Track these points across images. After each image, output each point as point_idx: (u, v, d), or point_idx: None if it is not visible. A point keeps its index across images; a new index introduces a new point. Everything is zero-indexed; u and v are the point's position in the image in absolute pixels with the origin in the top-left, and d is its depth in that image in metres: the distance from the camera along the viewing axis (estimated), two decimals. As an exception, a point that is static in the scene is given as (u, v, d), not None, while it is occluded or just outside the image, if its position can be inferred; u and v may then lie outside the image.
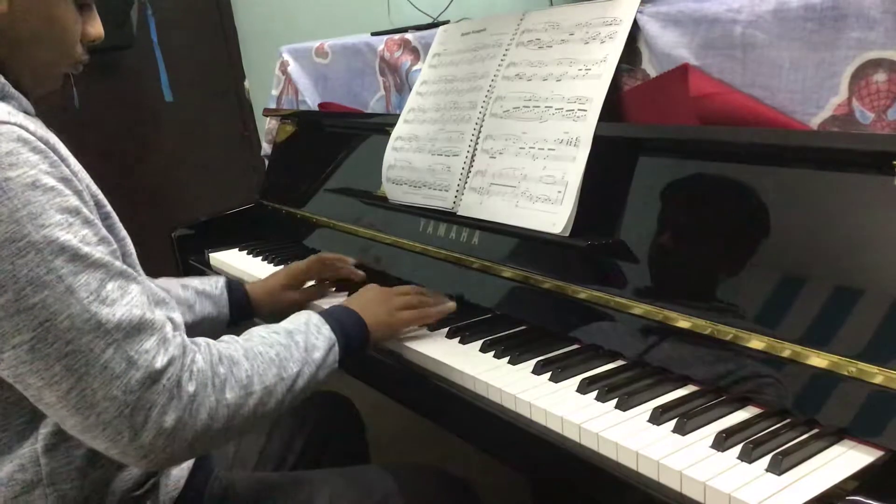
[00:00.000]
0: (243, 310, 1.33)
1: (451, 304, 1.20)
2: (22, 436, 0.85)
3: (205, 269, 1.78)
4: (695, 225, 1.01)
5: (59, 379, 0.77)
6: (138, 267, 0.93)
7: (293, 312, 1.08)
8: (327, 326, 1.02)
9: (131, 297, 0.81)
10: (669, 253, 1.02)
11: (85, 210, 0.82)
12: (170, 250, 1.87)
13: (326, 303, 1.36)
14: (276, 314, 1.30)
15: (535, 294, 1.16)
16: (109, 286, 0.79)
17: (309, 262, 1.39)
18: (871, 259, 0.82)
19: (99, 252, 0.80)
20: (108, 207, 0.90)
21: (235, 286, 1.33)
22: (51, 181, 0.79)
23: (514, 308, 1.19)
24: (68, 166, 0.84)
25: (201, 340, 0.89)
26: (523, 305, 1.18)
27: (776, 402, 0.86)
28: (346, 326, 1.05)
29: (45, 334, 0.76)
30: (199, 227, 1.88)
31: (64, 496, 0.86)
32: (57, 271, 0.76)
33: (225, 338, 0.94)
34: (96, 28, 0.96)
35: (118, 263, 0.82)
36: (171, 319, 0.89)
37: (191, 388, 0.82)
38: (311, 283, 1.41)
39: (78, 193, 0.82)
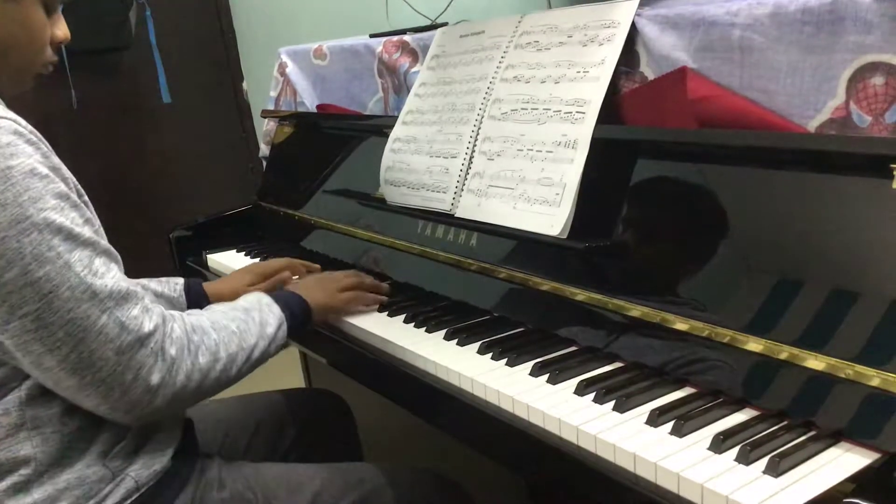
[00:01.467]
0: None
1: (385, 287, 1.33)
2: (5, 386, 0.92)
3: (202, 270, 1.77)
4: (692, 228, 1.01)
5: (60, 344, 0.86)
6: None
7: None
8: (276, 306, 1.13)
9: (115, 271, 0.91)
10: (667, 255, 1.02)
11: (73, 195, 0.91)
12: (167, 251, 1.87)
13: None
14: None
15: (532, 296, 1.16)
16: (97, 262, 0.89)
17: (278, 264, 1.45)
18: (869, 262, 0.83)
19: (87, 232, 0.90)
20: (85, 196, 0.97)
21: (195, 288, 1.37)
22: (44, 169, 0.88)
23: (512, 310, 1.19)
24: (53, 158, 0.92)
25: (175, 312, 0.99)
26: (521, 307, 1.18)
27: (774, 405, 0.86)
28: (291, 306, 1.16)
29: (48, 304, 0.85)
30: (196, 229, 1.87)
31: (47, 439, 0.92)
32: (56, 248, 0.86)
33: (192, 311, 1.06)
34: (63, 30, 1.02)
35: (103, 242, 0.92)
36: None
37: (172, 351, 0.93)
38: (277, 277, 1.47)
39: (65, 181, 0.91)
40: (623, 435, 0.84)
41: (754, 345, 0.88)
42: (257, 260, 1.69)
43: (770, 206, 0.92)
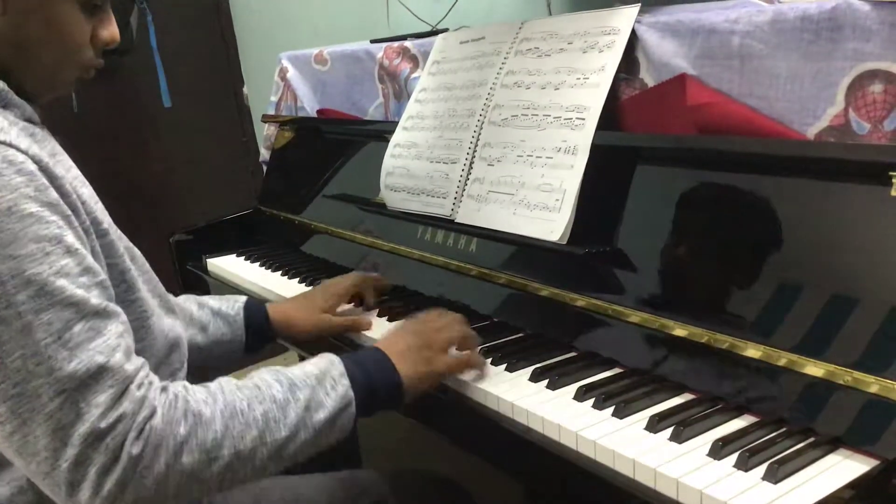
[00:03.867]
0: (262, 334, 1.22)
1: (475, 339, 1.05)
2: None
3: (202, 274, 1.78)
4: (692, 234, 1.01)
5: (3, 420, 0.72)
6: (138, 280, 0.89)
7: (328, 336, 1.07)
8: (346, 380, 0.88)
9: (102, 339, 0.75)
10: (666, 261, 1.02)
11: (69, 238, 0.76)
12: (168, 256, 1.87)
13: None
14: (311, 340, 1.22)
15: (532, 301, 1.16)
16: (77, 328, 0.73)
17: (350, 281, 1.26)
18: (868, 269, 0.83)
19: (75, 286, 0.74)
20: (106, 224, 0.86)
21: (255, 307, 1.21)
22: (31, 207, 0.74)
23: (512, 315, 1.19)
24: (60, 186, 0.78)
25: (178, 390, 0.80)
26: (521, 313, 1.18)
27: (772, 411, 0.86)
28: (374, 381, 0.91)
29: None
30: (197, 233, 1.88)
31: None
32: (17, 306, 0.71)
33: (221, 380, 0.85)
34: (109, 31, 0.90)
35: (95, 301, 0.76)
36: (172, 325, 0.89)
37: (134, 449, 0.73)
38: (348, 305, 1.29)
39: (65, 218, 0.77)
40: (622, 441, 0.84)
41: (753, 351, 0.89)
42: (257, 265, 1.69)
43: (769, 213, 0.92)
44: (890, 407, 0.77)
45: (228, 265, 1.73)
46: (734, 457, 0.79)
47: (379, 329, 1.23)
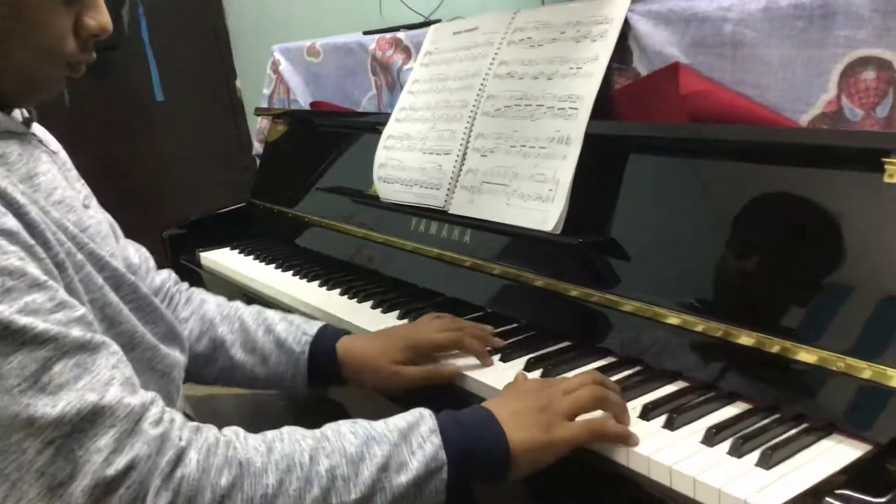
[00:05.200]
0: (327, 374, 1.05)
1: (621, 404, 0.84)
2: None
3: (196, 268, 1.77)
4: (684, 222, 1.01)
5: None
6: (122, 314, 0.79)
7: (406, 389, 0.91)
8: (438, 439, 0.72)
9: (91, 376, 0.64)
10: (659, 250, 1.02)
11: (34, 270, 0.65)
12: (161, 250, 1.87)
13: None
14: (385, 392, 1.02)
15: (526, 292, 1.16)
16: (58, 367, 0.63)
17: (442, 338, 1.02)
18: (861, 256, 0.83)
19: (48, 323, 0.64)
20: (92, 245, 0.77)
21: (324, 344, 1.04)
22: None
23: (506, 306, 1.19)
24: (24, 214, 0.68)
25: (213, 432, 0.68)
26: (514, 303, 1.18)
27: (766, 398, 0.86)
28: (473, 444, 0.73)
29: None
30: (190, 227, 1.87)
31: None
32: None
33: (285, 428, 0.72)
34: (97, 20, 0.78)
35: (75, 335, 0.65)
36: (174, 358, 0.83)
37: (161, 500, 0.62)
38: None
39: (28, 249, 0.66)
40: (616, 429, 0.84)
41: (746, 338, 0.89)
42: (251, 258, 1.69)
43: (762, 201, 0.92)
44: (882, 392, 0.77)
45: (222, 258, 1.73)
46: (727, 443, 0.79)
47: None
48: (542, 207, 1.10)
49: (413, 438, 0.72)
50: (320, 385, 1.07)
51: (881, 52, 0.86)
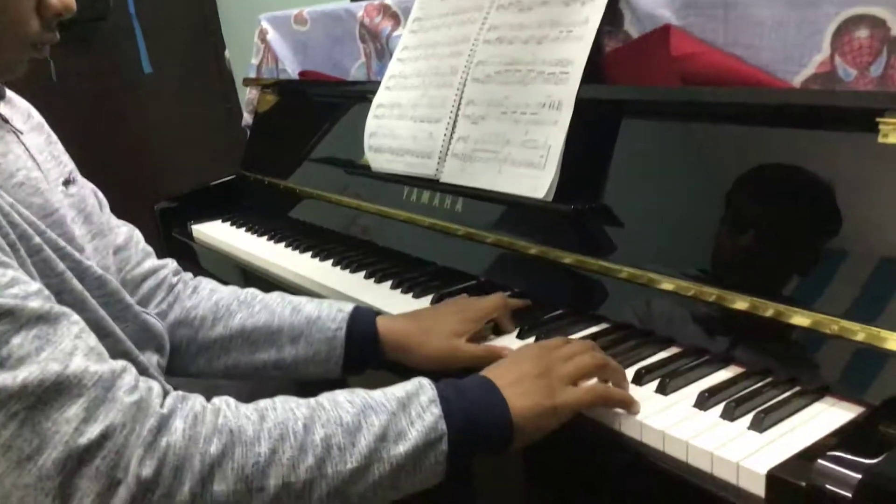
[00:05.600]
0: (367, 355, 0.98)
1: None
2: None
3: (188, 241, 1.76)
4: (676, 187, 1.00)
5: None
6: (86, 303, 0.77)
7: (455, 367, 0.86)
8: (438, 409, 0.70)
9: (54, 347, 0.61)
10: (652, 215, 1.01)
11: None
12: (152, 224, 1.85)
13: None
14: (432, 369, 0.92)
15: (519, 260, 1.16)
16: (17, 339, 0.60)
17: (491, 304, 1.01)
18: (854, 218, 0.82)
19: (3, 298, 0.62)
20: (51, 233, 0.74)
21: (362, 321, 0.97)
22: None
23: (499, 274, 1.18)
24: None
25: (200, 401, 0.65)
26: (508, 272, 1.18)
27: (759, 362, 0.86)
28: (475, 413, 0.71)
29: None
30: (181, 200, 1.86)
31: None
32: None
33: (279, 398, 0.69)
34: None
35: (33, 305, 0.62)
36: (148, 361, 0.77)
37: (146, 470, 0.59)
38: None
39: None
40: (609, 395, 0.84)
41: (740, 303, 0.88)
42: (242, 230, 1.68)
43: (754, 164, 0.92)
44: (875, 354, 0.77)
45: (213, 231, 1.72)
46: (720, 407, 0.79)
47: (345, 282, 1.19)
48: (533, 174, 1.09)
49: (412, 408, 0.70)
50: (355, 367, 0.99)
51: (875, 10, 0.85)
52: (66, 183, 0.86)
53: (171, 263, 1.10)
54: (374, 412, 0.68)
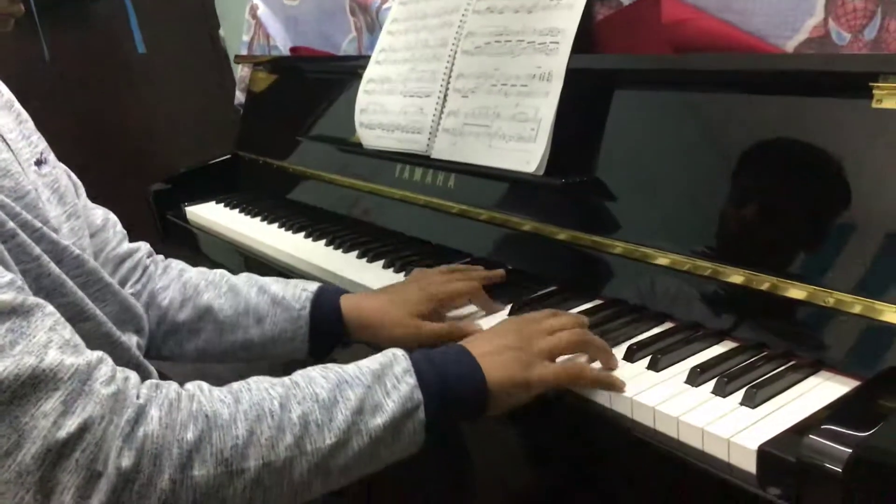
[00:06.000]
0: (331, 335, 0.99)
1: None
2: None
3: (183, 223, 1.75)
4: (670, 158, 0.98)
5: None
6: (65, 286, 0.76)
7: (420, 345, 0.84)
8: (412, 379, 0.70)
9: (27, 340, 0.60)
10: (646, 188, 0.99)
11: None
12: (148, 206, 1.84)
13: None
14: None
15: (511, 236, 1.14)
16: None
17: (462, 286, 0.99)
18: (850, 187, 0.80)
19: None
20: (26, 215, 0.72)
21: (326, 301, 0.97)
22: None
23: (492, 251, 1.17)
24: None
25: (175, 388, 0.65)
26: (500, 248, 1.16)
27: (754, 336, 0.85)
28: (449, 381, 0.72)
29: None
30: (175, 182, 1.85)
31: None
32: None
33: (252, 378, 0.69)
34: None
35: (5, 298, 0.61)
36: (129, 341, 0.75)
37: (124, 461, 0.59)
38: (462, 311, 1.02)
39: None
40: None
41: (735, 277, 0.86)
42: (236, 211, 1.66)
43: (747, 132, 0.89)
44: (872, 327, 0.75)
45: (208, 213, 1.70)
46: (712, 383, 0.77)
47: (355, 270, 1.19)
48: (524, 148, 1.07)
49: (387, 379, 0.70)
50: (322, 346, 0.99)
51: (870, -30, 0.82)
52: (38, 163, 0.85)
53: (144, 246, 1.08)
54: (349, 386, 0.68)
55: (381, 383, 0.69)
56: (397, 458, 0.70)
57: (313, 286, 1.00)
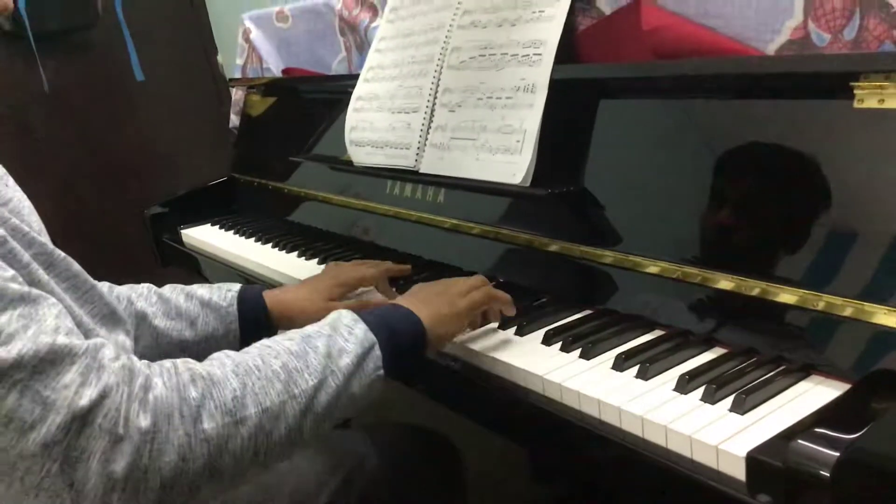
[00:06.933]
0: (259, 326, 1.08)
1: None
2: None
3: (179, 246, 1.75)
4: (655, 165, 0.97)
5: None
6: (63, 286, 0.78)
7: None
8: (362, 325, 0.80)
9: (39, 325, 0.64)
10: (634, 197, 0.99)
11: None
12: (145, 230, 1.84)
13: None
14: None
15: (502, 249, 1.13)
16: (3, 318, 0.63)
17: (367, 272, 1.13)
18: (835, 188, 0.79)
19: None
20: (14, 220, 0.74)
21: (251, 297, 1.07)
22: None
23: (484, 264, 1.16)
24: None
25: (167, 361, 0.72)
26: (492, 261, 1.15)
27: (743, 342, 0.84)
28: (390, 322, 0.83)
29: None
30: (172, 205, 1.85)
31: None
32: None
33: (216, 354, 0.76)
34: None
35: (14, 287, 0.65)
36: (115, 340, 0.77)
37: (143, 422, 0.64)
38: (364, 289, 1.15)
39: None
40: (588, 381, 0.82)
41: (725, 283, 0.86)
42: (231, 233, 1.66)
43: (732, 136, 0.89)
44: (863, 329, 0.74)
45: (203, 235, 1.70)
46: (700, 390, 0.76)
47: None
48: (510, 160, 1.07)
49: (342, 329, 0.80)
50: (252, 339, 1.02)
51: (848, -30, 0.81)
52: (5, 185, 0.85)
53: None
54: (313, 339, 0.78)
55: (339, 333, 0.79)
56: (366, 396, 0.79)
57: (236, 286, 1.09)
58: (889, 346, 0.71)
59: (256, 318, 1.06)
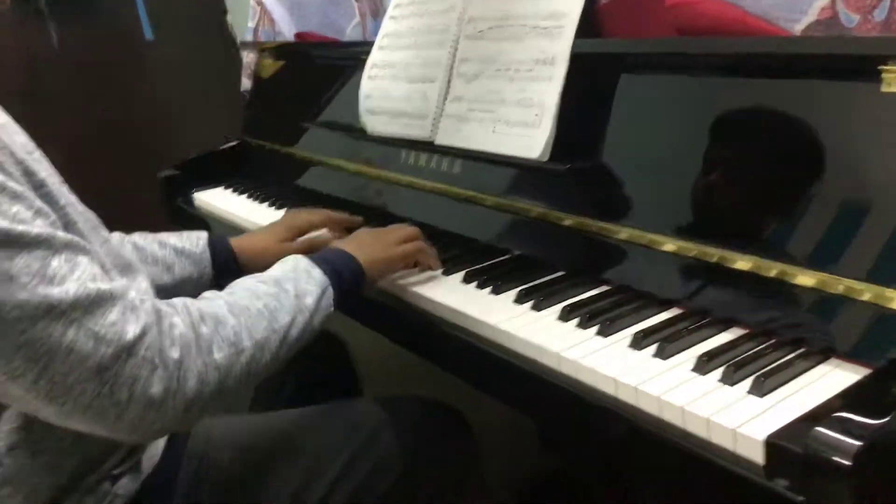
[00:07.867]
0: (228, 268, 1.21)
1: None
2: None
3: (189, 209, 1.75)
4: (675, 142, 0.96)
5: (22, 371, 0.70)
6: (90, 234, 0.83)
7: None
8: (318, 269, 0.96)
9: (82, 269, 0.73)
10: (652, 174, 0.98)
11: (11, 184, 0.72)
12: (157, 192, 1.84)
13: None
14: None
15: (518, 222, 1.13)
16: (55, 262, 0.71)
17: (314, 218, 1.29)
18: (859, 172, 0.79)
19: (37, 228, 0.71)
20: (43, 174, 0.79)
21: (219, 243, 1.21)
22: None
23: (497, 237, 1.16)
24: None
25: (178, 301, 0.83)
26: (506, 234, 1.15)
27: (762, 323, 0.84)
28: (337, 267, 0.98)
29: None
30: (184, 167, 1.84)
31: (35, 490, 0.82)
32: None
33: (206, 294, 0.89)
34: None
35: (61, 235, 0.73)
36: (136, 287, 0.81)
37: (174, 353, 0.76)
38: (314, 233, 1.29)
39: None
40: (605, 359, 0.82)
41: (743, 263, 0.86)
42: (244, 196, 1.66)
43: (756, 116, 0.88)
44: (882, 314, 0.74)
45: (215, 199, 1.70)
46: (719, 371, 0.76)
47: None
48: (528, 133, 1.06)
49: (302, 273, 0.94)
50: (222, 284, 1.09)
51: (881, -52, 0.80)
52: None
53: None
54: (283, 282, 0.92)
55: (300, 277, 0.94)
56: (320, 328, 0.94)
57: (204, 234, 1.21)
58: (910, 332, 0.72)
59: (226, 261, 1.20)
